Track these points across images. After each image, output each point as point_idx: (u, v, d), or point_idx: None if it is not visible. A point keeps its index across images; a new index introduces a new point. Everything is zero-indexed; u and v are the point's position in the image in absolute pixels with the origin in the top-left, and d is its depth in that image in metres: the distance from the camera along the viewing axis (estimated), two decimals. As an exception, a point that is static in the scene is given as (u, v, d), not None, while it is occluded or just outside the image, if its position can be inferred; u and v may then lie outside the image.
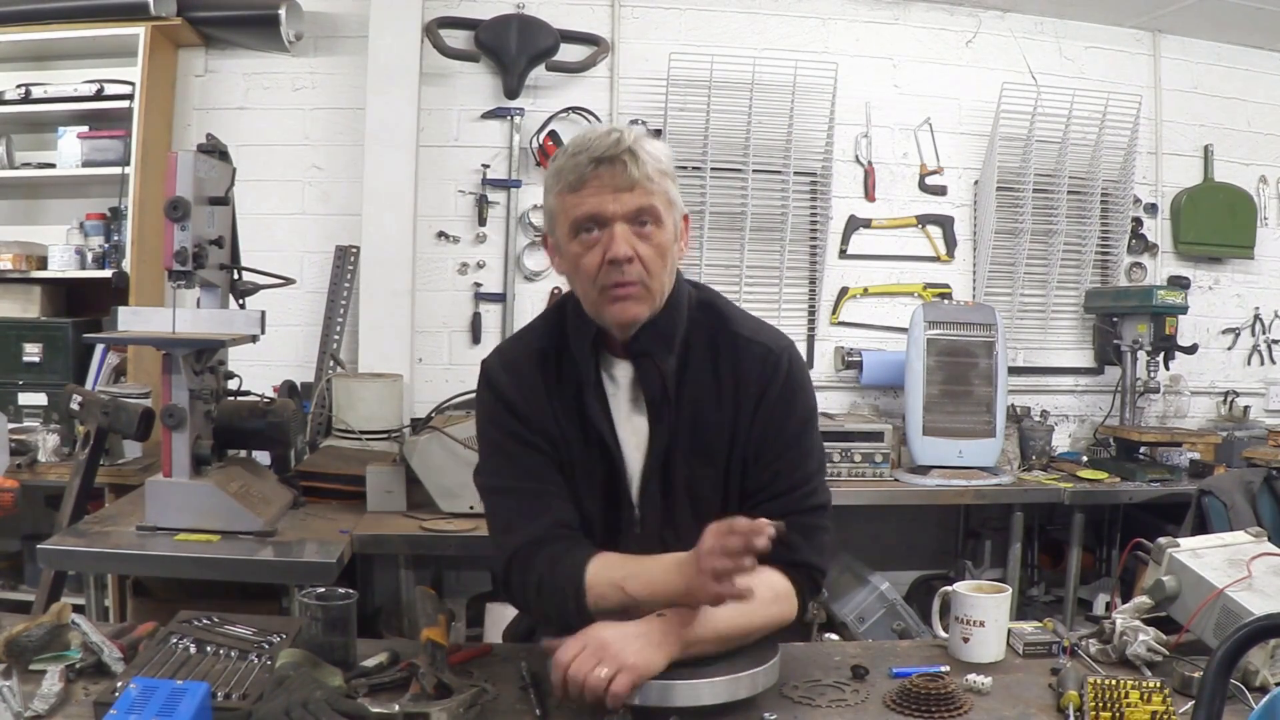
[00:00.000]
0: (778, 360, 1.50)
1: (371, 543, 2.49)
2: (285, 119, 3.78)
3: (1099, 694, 1.33)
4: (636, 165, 1.38)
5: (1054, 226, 4.08)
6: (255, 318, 2.32)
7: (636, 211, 1.39)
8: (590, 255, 1.40)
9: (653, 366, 1.46)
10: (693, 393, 1.49)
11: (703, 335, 1.50)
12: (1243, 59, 4.27)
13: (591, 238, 1.40)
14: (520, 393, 1.48)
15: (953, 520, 4.06)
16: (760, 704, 1.34)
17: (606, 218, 1.38)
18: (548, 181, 1.45)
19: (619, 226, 1.38)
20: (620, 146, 1.38)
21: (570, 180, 1.39)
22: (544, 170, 3.81)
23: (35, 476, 3.04)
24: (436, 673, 1.33)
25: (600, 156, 1.37)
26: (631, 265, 1.39)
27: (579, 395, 1.48)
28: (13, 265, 3.45)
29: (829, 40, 4.01)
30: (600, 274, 1.40)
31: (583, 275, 1.42)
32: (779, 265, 3.95)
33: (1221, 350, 4.33)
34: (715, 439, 1.48)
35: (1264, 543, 1.68)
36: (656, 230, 1.41)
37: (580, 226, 1.40)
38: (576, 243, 1.41)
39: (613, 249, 1.37)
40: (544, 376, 1.49)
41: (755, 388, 1.48)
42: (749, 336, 1.52)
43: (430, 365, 3.83)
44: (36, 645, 1.38)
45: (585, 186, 1.38)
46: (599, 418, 1.47)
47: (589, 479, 1.49)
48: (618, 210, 1.38)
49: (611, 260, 1.38)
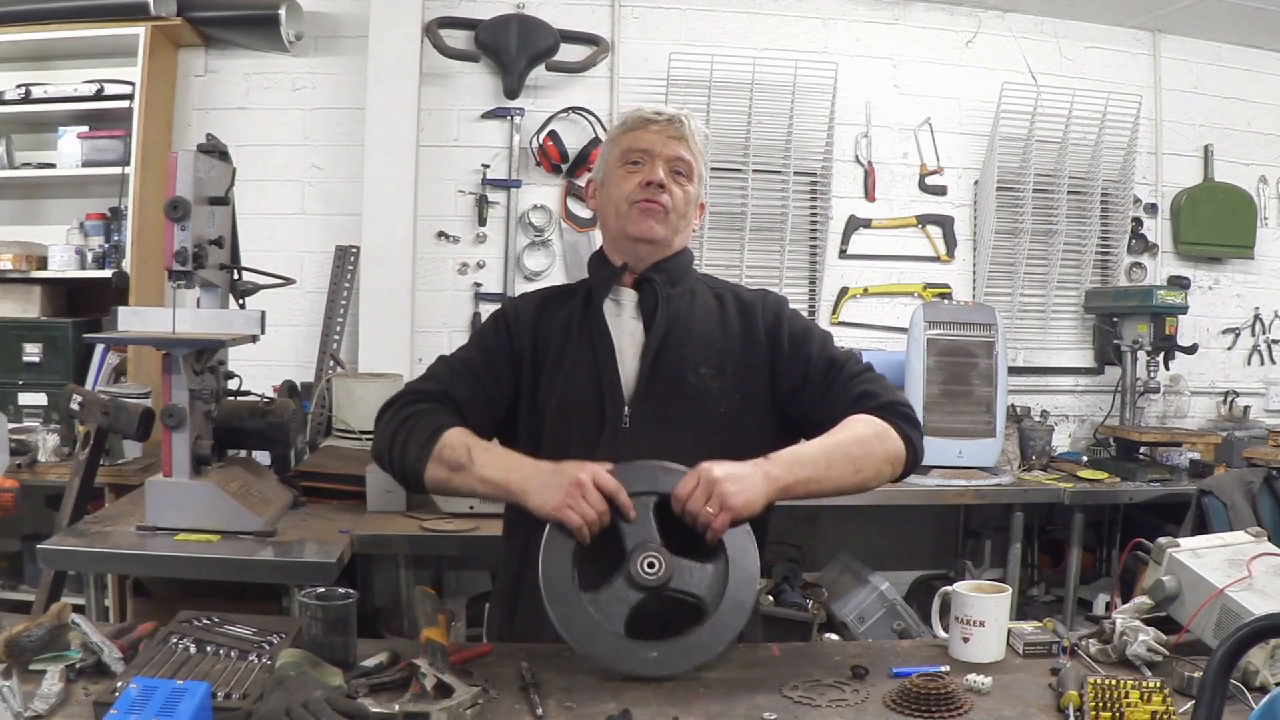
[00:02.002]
0: (777, 299, 1.73)
1: (371, 543, 2.49)
2: (285, 119, 3.78)
3: (1099, 694, 1.33)
4: (688, 129, 1.67)
5: (1054, 226, 4.08)
6: (255, 318, 2.31)
7: (677, 159, 1.65)
8: (631, 178, 1.65)
9: (653, 292, 1.66)
10: (701, 321, 1.67)
11: (704, 288, 1.73)
12: (1243, 59, 4.27)
13: (635, 167, 1.65)
14: (517, 313, 1.71)
15: (953, 520, 4.06)
16: (760, 704, 1.35)
17: (654, 154, 1.64)
18: (611, 132, 1.75)
19: (661, 163, 1.64)
20: (679, 112, 1.68)
21: (631, 124, 1.68)
22: (544, 170, 3.85)
23: (35, 476, 3.04)
24: (436, 673, 1.33)
25: (662, 113, 1.67)
26: (663, 192, 1.63)
27: (584, 306, 1.68)
28: (13, 265, 3.45)
29: (829, 40, 4.01)
30: (634, 192, 1.64)
31: (618, 196, 1.65)
32: (779, 265, 3.95)
33: (1221, 350, 4.33)
34: (723, 354, 1.64)
35: (1264, 543, 1.68)
36: (686, 184, 1.67)
37: (629, 157, 1.66)
38: (622, 170, 1.66)
39: (653, 173, 1.63)
40: (543, 305, 1.71)
41: (763, 321, 1.67)
42: (749, 288, 1.77)
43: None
44: (36, 645, 1.38)
45: (644, 128, 1.66)
46: (598, 318, 1.65)
47: (578, 371, 1.64)
48: (664, 151, 1.64)
49: (648, 183, 1.62)
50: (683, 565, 1.43)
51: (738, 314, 1.69)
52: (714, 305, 1.70)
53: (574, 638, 1.41)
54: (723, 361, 1.62)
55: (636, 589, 1.41)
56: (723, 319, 1.68)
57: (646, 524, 1.43)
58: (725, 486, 1.40)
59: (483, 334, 1.72)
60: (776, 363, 1.65)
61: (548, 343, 1.66)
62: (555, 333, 1.67)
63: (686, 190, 1.66)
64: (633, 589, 1.41)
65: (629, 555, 1.42)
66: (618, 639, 1.41)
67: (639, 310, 1.67)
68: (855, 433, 1.54)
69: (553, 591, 1.41)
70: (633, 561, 1.41)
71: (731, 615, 1.43)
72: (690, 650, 1.43)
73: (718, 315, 1.68)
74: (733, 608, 1.43)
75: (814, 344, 1.66)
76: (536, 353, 1.66)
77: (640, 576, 1.40)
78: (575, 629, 1.40)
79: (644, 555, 1.41)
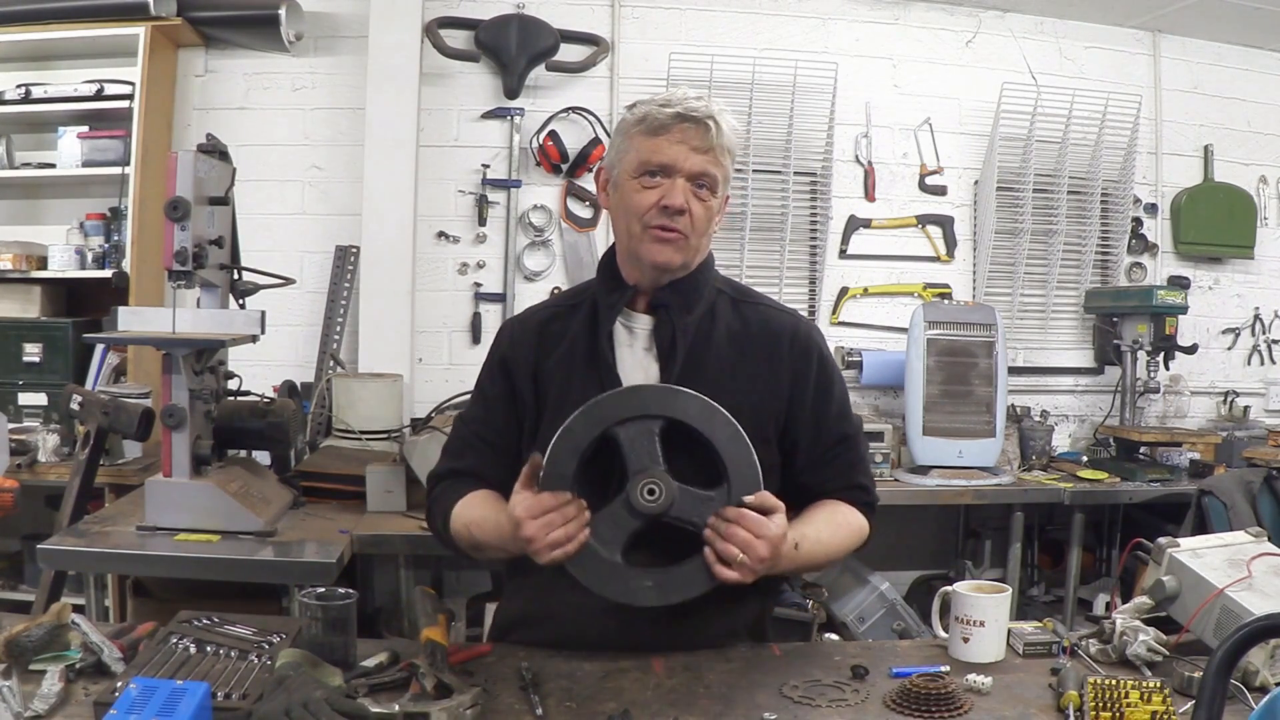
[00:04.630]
0: (808, 334, 1.61)
1: (371, 543, 2.49)
2: (285, 119, 3.78)
3: (1099, 694, 1.33)
4: (718, 133, 1.49)
5: (1054, 226, 4.08)
6: (255, 318, 2.32)
7: (702, 174, 1.50)
8: (646, 195, 1.50)
9: (668, 320, 1.54)
10: (717, 351, 1.56)
11: (726, 303, 1.61)
12: (1243, 59, 4.27)
13: (653, 181, 1.50)
14: (514, 349, 1.61)
15: (953, 520, 4.06)
16: (760, 704, 1.35)
17: (676, 170, 1.49)
18: (624, 122, 1.54)
19: (681, 181, 1.49)
20: (707, 111, 1.49)
21: (653, 125, 1.49)
22: (544, 170, 3.84)
23: (35, 476, 3.04)
24: (436, 673, 1.33)
25: (687, 114, 1.48)
26: (682, 217, 1.49)
27: (589, 330, 1.57)
28: (13, 265, 3.45)
29: (829, 40, 4.01)
30: (650, 214, 1.50)
31: (632, 212, 1.52)
32: (779, 265, 3.95)
33: (1221, 350, 4.33)
34: (741, 394, 1.52)
35: (1264, 543, 1.68)
36: (710, 196, 1.52)
37: (647, 169, 1.50)
38: (637, 182, 1.51)
39: (672, 197, 1.48)
40: (544, 331, 1.60)
41: (790, 363, 1.57)
42: (772, 306, 1.65)
43: (430, 365, 3.83)
44: (36, 645, 1.38)
45: (666, 134, 1.48)
46: (605, 352, 1.54)
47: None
48: (687, 167, 1.49)
49: (666, 207, 1.48)
50: (685, 492, 1.40)
51: (762, 347, 1.57)
52: (737, 329, 1.58)
53: (570, 562, 1.38)
54: (739, 403, 1.48)
55: (635, 515, 1.39)
56: (743, 352, 1.56)
57: (650, 448, 1.40)
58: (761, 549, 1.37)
59: (482, 386, 1.64)
60: (794, 409, 1.57)
61: (549, 381, 1.56)
62: (557, 368, 1.56)
63: (709, 205, 1.52)
64: (632, 515, 1.39)
65: (630, 479, 1.39)
66: (614, 565, 1.39)
67: (653, 340, 1.56)
68: (851, 533, 1.60)
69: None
70: (633, 487, 1.38)
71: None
72: (687, 581, 1.40)
73: (739, 347, 1.56)
74: None
75: (833, 406, 1.61)
76: (538, 394, 1.57)
77: (640, 503, 1.38)
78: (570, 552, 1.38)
79: (644, 481, 1.38)
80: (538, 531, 1.35)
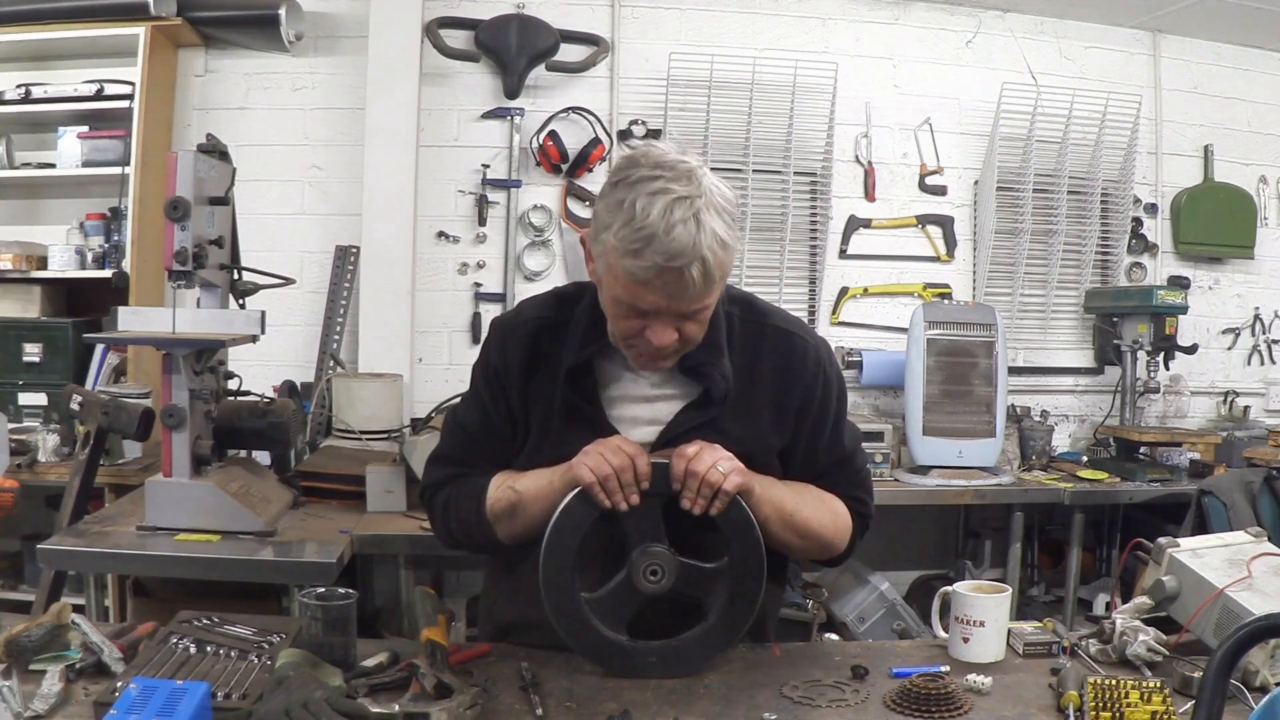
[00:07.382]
0: (817, 359, 1.55)
1: (371, 543, 2.49)
2: (285, 119, 3.77)
3: (1099, 694, 1.33)
4: (704, 277, 1.31)
5: (1054, 226, 4.08)
6: (255, 318, 2.31)
7: (690, 314, 1.37)
8: (629, 323, 1.39)
9: (713, 372, 1.46)
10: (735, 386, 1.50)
11: (739, 327, 1.53)
12: (1243, 59, 4.27)
13: (638, 317, 1.37)
14: (504, 362, 1.54)
15: (953, 520, 4.06)
16: (760, 704, 1.35)
17: (660, 311, 1.35)
18: (606, 218, 1.34)
19: (669, 320, 1.36)
20: (693, 252, 1.28)
21: (635, 269, 1.30)
22: (544, 170, 3.84)
23: (35, 476, 3.04)
24: (436, 673, 1.33)
25: (668, 265, 1.29)
26: (670, 347, 1.39)
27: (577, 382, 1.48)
28: (13, 265, 3.45)
29: (829, 40, 4.01)
30: (637, 339, 1.40)
31: (616, 327, 1.42)
32: (779, 265, 3.95)
33: (1221, 350, 4.33)
34: (748, 437, 1.49)
35: (1264, 543, 1.68)
36: (705, 314, 1.39)
37: (628, 302, 1.36)
38: (617, 306, 1.38)
39: (658, 338, 1.37)
40: (530, 354, 1.52)
41: (799, 392, 1.52)
42: (782, 325, 1.56)
43: (430, 365, 3.83)
44: (36, 645, 1.38)
45: (645, 284, 1.32)
46: (583, 402, 1.48)
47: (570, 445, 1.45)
48: (673, 307, 1.35)
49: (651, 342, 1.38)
50: (687, 567, 1.41)
51: (772, 377, 1.51)
52: (749, 357, 1.51)
53: (575, 642, 1.41)
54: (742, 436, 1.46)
55: (638, 596, 1.40)
56: (752, 380, 1.50)
57: (653, 524, 1.40)
58: (719, 453, 1.38)
59: (478, 392, 1.57)
60: (796, 436, 1.54)
61: (535, 402, 1.51)
62: (544, 393, 1.50)
63: (704, 318, 1.39)
64: (634, 595, 1.40)
65: (633, 556, 1.40)
66: (618, 644, 1.41)
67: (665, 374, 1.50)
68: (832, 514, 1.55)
69: (554, 597, 1.40)
70: (635, 569, 1.39)
71: (734, 616, 1.43)
72: (690, 654, 1.43)
73: (749, 375, 1.50)
74: (736, 608, 1.43)
75: (835, 431, 1.57)
76: (527, 411, 1.53)
77: (643, 585, 1.39)
78: (571, 629, 1.40)
79: (647, 563, 1.39)
80: (601, 464, 1.36)
